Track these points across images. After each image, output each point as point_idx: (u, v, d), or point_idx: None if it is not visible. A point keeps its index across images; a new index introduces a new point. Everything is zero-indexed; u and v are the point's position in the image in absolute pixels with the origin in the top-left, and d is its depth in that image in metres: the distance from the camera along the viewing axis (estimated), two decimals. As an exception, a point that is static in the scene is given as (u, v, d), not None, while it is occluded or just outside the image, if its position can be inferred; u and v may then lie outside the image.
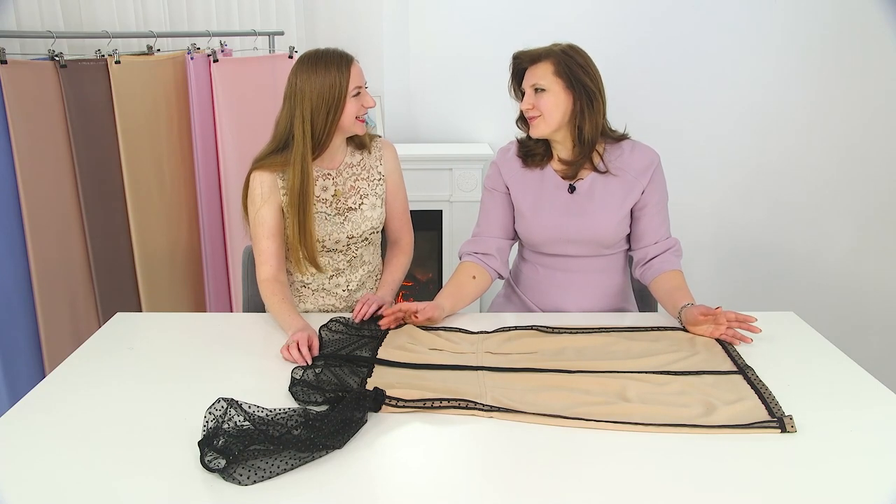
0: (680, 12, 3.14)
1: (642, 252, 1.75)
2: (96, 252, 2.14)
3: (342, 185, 1.76)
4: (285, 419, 1.18)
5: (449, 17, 3.25)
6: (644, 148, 1.76)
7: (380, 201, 1.80)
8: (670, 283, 1.69)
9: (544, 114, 1.67)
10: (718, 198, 3.35)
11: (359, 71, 1.68)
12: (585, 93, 1.66)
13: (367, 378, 1.37)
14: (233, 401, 1.19)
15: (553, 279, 1.79)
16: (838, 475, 1.09)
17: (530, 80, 1.68)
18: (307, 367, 1.40)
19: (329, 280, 1.80)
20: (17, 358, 1.98)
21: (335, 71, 1.62)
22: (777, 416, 1.23)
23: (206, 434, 1.13)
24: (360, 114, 1.68)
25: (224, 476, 1.07)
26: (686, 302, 1.62)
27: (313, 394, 1.29)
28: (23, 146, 1.89)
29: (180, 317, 1.92)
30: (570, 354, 1.48)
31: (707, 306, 1.55)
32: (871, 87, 3.03)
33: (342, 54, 1.66)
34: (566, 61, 1.65)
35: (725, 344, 1.52)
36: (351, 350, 1.50)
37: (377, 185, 1.80)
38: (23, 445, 1.17)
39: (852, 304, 3.17)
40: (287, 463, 1.09)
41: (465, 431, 1.21)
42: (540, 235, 1.76)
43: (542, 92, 1.66)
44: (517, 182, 1.78)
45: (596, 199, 1.73)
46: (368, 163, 1.81)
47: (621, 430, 1.20)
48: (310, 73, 1.63)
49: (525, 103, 1.69)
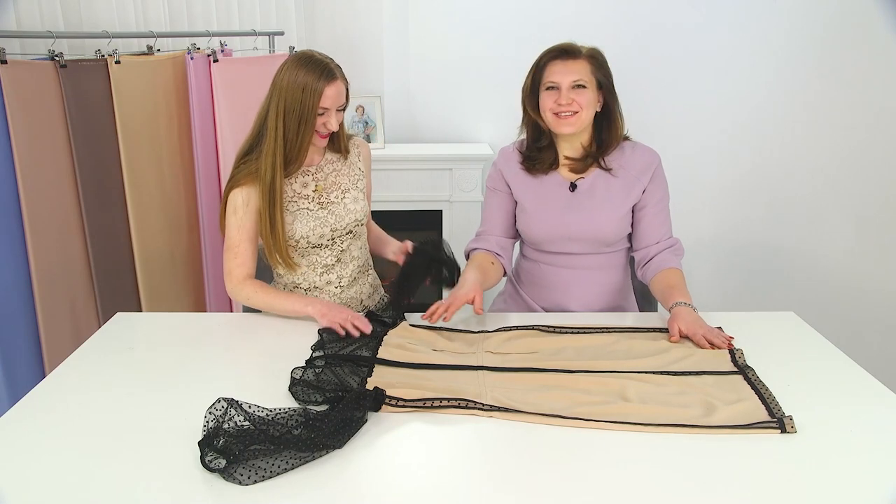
0: (680, 12, 3.14)
1: (643, 252, 1.75)
2: (96, 252, 2.14)
3: (323, 181, 1.77)
4: (285, 419, 1.18)
5: (449, 17, 3.25)
6: (644, 148, 1.77)
7: (361, 195, 1.83)
8: (666, 281, 1.68)
9: (582, 110, 1.67)
10: (718, 198, 3.35)
11: (335, 92, 1.63)
12: (613, 94, 1.71)
13: (368, 378, 1.37)
14: (233, 401, 1.19)
15: (554, 276, 1.80)
16: (838, 475, 1.10)
17: (569, 75, 1.66)
18: (307, 366, 1.40)
19: (320, 277, 1.80)
20: (17, 358, 1.98)
21: (313, 81, 1.61)
22: (777, 416, 1.23)
23: (207, 434, 1.13)
24: (321, 132, 1.68)
25: (224, 476, 1.07)
26: (678, 300, 1.60)
27: (313, 393, 1.29)
28: (23, 146, 1.89)
29: (180, 317, 1.92)
30: (570, 354, 1.48)
31: (692, 323, 1.53)
32: (871, 87, 3.03)
33: (326, 68, 1.63)
34: (601, 61, 1.70)
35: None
36: (351, 350, 1.50)
37: (358, 180, 1.83)
38: (23, 445, 1.17)
39: (852, 304, 3.17)
40: (288, 462, 1.09)
41: (466, 431, 1.21)
42: (541, 232, 1.77)
43: (583, 88, 1.66)
44: (519, 181, 1.79)
45: (597, 197, 1.74)
46: (348, 159, 1.83)
47: (621, 430, 1.20)
48: (293, 70, 1.63)
49: (564, 98, 1.66)
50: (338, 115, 1.68)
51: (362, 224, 1.83)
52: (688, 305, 1.59)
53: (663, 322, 1.67)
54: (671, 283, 1.67)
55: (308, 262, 1.78)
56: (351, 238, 1.81)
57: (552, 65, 1.69)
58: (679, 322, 1.53)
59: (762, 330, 1.63)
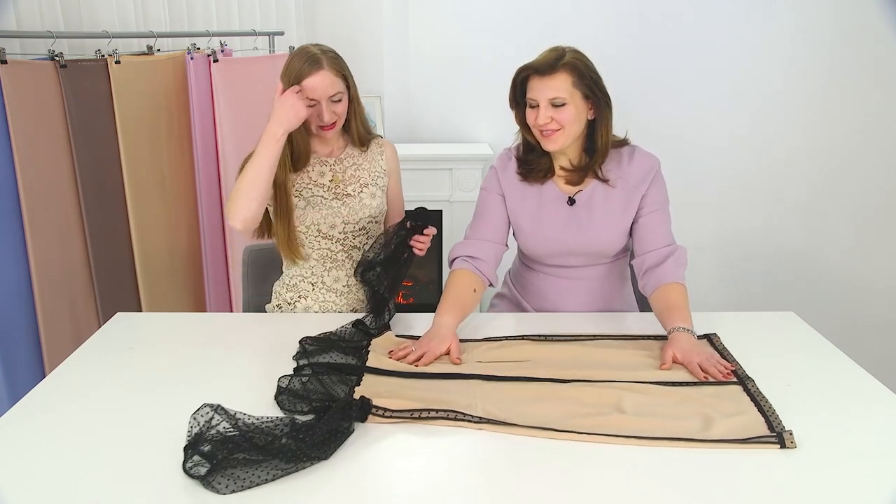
0: (680, 12, 3.14)
1: (640, 261, 1.66)
2: (96, 252, 2.14)
3: (342, 173, 1.77)
4: (272, 427, 1.15)
5: (449, 17, 3.25)
6: (643, 154, 1.71)
7: (380, 192, 1.81)
8: (666, 300, 1.57)
9: (565, 127, 1.59)
10: (719, 198, 3.35)
11: (320, 82, 1.61)
12: (604, 101, 1.61)
13: (356, 386, 1.34)
14: (219, 407, 1.16)
15: (554, 285, 1.78)
16: (838, 475, 1.09)
17: (546, 93, 1.57)
18: (294, 375, 1.36)
19: (328, 273, 1.79)
20: (17, 358, 1.98)
21: (296, 71, 1.61)
22: (777, 430, 1.19)
23: (190, 440, 1.11)
24: (318, 123, 1.66)
25: (203, 484, 1.04)
26: (677, 325, 1.50)
27: (299, 403, 1.26)
28: (23, 146, 1.89)
29: (180, 317, 1.92)
30: (564, 363, 1.44)
31: (689, 351, 1.43)
32: (871, 88, 3.03)
33: (312, 58, 1.62)
34: (584, 71, 1.58)
35: (724, 354, 1.48)
36: (336, 358, 1.46)
37: (378, 177, 1.81)
38: (23, 446, 1.17)
39: (852, 304, 3.17)
40: (269, 473, 1.06)
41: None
42: (540, 249, 1.73)
43: (562, 105, 1.58)
44: (515, 195, 1.73)
45: (596, 210, 1.68)
46: (370, 155, 1.82)
47: (615, 443, 1.17)
48: (288, 62, 1.65)
49: (541, 117, 1.58)
50: (333, 106, 1.65)
51: (377, 222, 1.82)
52: (687, 331, 1.49)
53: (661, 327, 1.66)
54: (671, 303, 1.56)
55: (318, 254, 1.77)
56: (363, 236, 1.80)
57: (530, 81, 1.61)
58: (675, 349, 1.44)
59: (762, 330, 1.63)
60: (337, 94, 1.66)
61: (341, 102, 1.68)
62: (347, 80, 1.69)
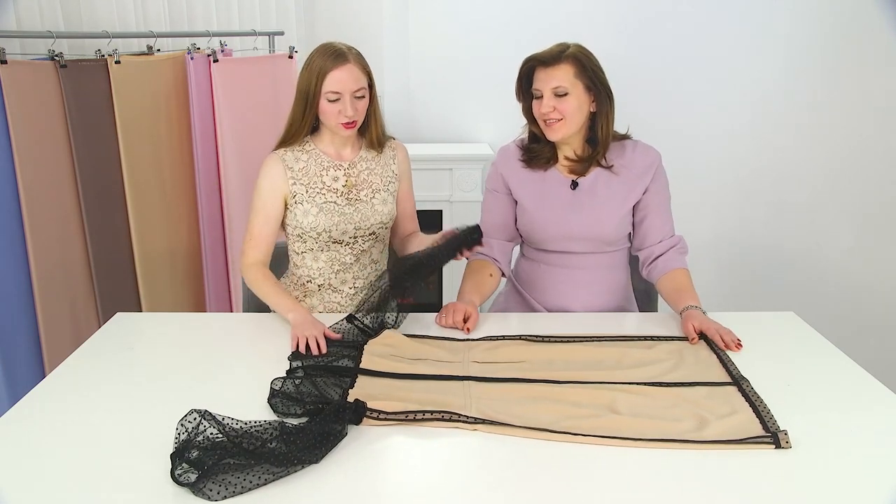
0: (680, 11, 3.14)
1: (647, 252, 1.75)
2: (96, 252, 2.14)
3: (355, 178, 1.76)
4: (261, 431, 1.13)
5: (449, 16, 3.25)
6: (645, 147, 1.76)
7: (391, 198, 1.81)
8: (675, 283, 1.69)
9: (567, 117, 1.65)
10: (718, 198, 3.35)
11: (346, 76, 1.61)
12: (605, 93, 1.67)
13: (350, 388, 1.33)
14: (206, 412, 1.15)
15: (555, 276, 1.80)
16: (838, 475, 1.09)
17: (549, 82, 1.64)
18: (287, 377, 1.36)
19: (336, 276, 1.79)
20: (17, 358, 1.98)
21: (321, 64, 1.62)
22: (772, 430, 1.19)
23: (178, 447, 1.10)
24: (339, 120, 1.65)
25: (193, 491, 1.04)
26: (689, 304, 1.62)
27: (293, 405, 1.26)
28: (23, 146, 1.89)
29: (180, 317, 1.92)
30: (559, 364, 1.44)
31: (705, 320, 1.57)
32: (871, 87, 3.03)
33: (337, 52, 1.63)
34: (586, 63, 1.65)
35: (720, 354, 1.49)
36: (330, 361, 1.45)
37: (390, 182, 1.81)
38: (23, 446, 1.17)
39: (852, 304, 3.17)
40: (260, 478, 1.05)
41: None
42: (542, 231, 1.76)
43: (565, 95, 1.64)
44: (519, 180, 1.78)
45: (598, 195, 1.73)
46: (382, 160, 1.81)
47: (610, 444, 1.16)
48: (310, 58, 1.65)
49: (545, 106, 1.65)
50: (356, 103, 1.65)
51: (387, 227, 1.82)
52: (697, 308, 1.61)
53: (664, 322, 1.67)
54: (679, 285, 1.68)
55: (327, 256, 1.77)
56: (373, 240, 1.80)
57: (535, 72, 1.68)
58: (693, 321, 1.56)
59: (762, 330, 1.63)
60: (360, 90, 1.65)
61: (363, 100, 1.68)
62: (370, 77, 1.69)
